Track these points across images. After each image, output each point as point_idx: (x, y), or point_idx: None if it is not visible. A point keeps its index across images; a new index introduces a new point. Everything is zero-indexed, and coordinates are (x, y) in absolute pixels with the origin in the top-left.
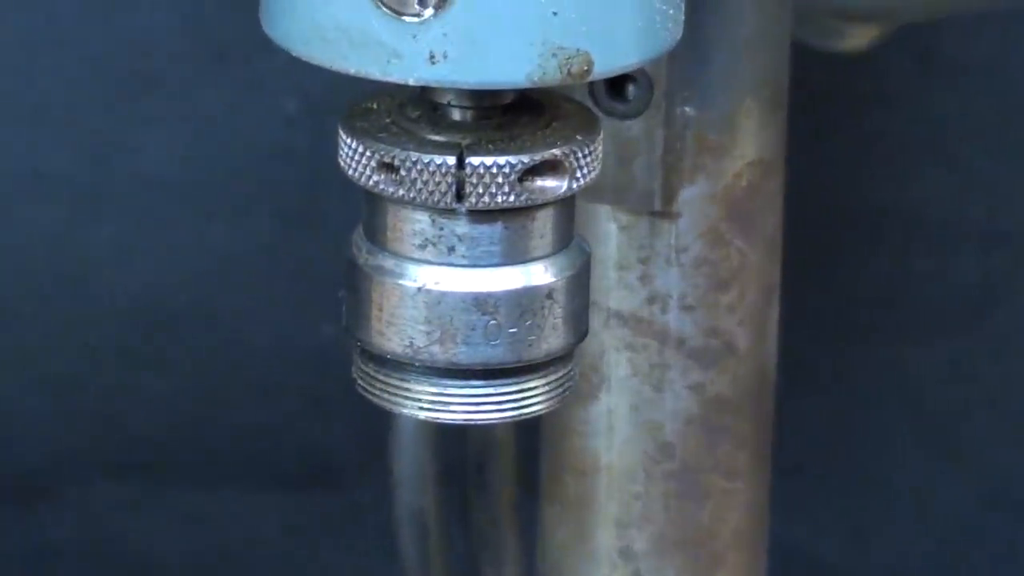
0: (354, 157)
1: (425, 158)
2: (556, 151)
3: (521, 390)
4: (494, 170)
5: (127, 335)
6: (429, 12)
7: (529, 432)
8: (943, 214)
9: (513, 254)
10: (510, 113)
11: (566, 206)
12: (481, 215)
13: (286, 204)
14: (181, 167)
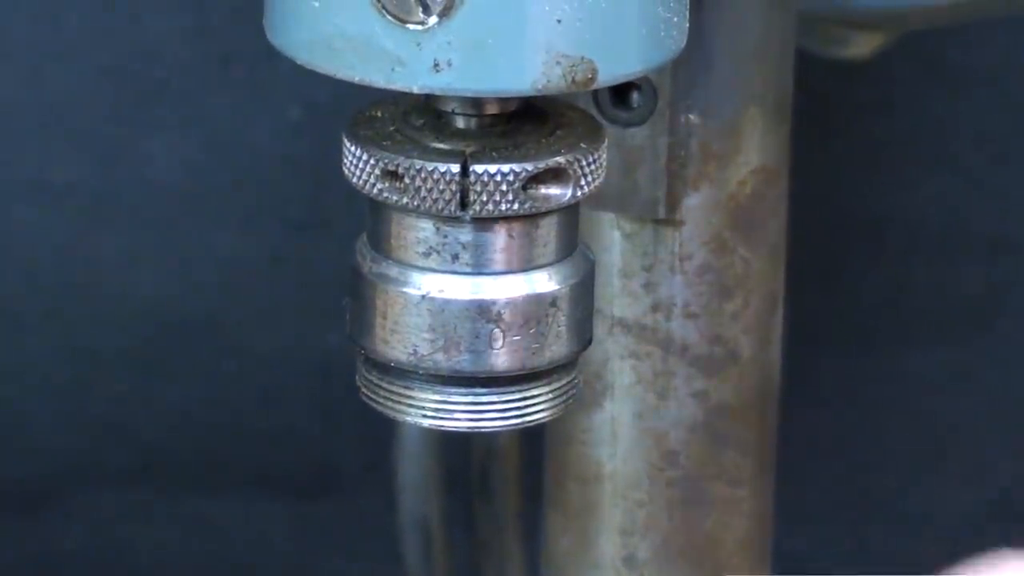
0: (358, 165)
1: (429, 166)
2: (560, 159)
3: (525, 398)
4: (498, 178)
5: (133, 342)
6: (433, 20)
7: (533, 440)
8: (947, 222)
9: (517, 262)
10: (514, 121)
11: (570, 214)
12: (485, 223)
13: (291, 212)
14: (187, 175)
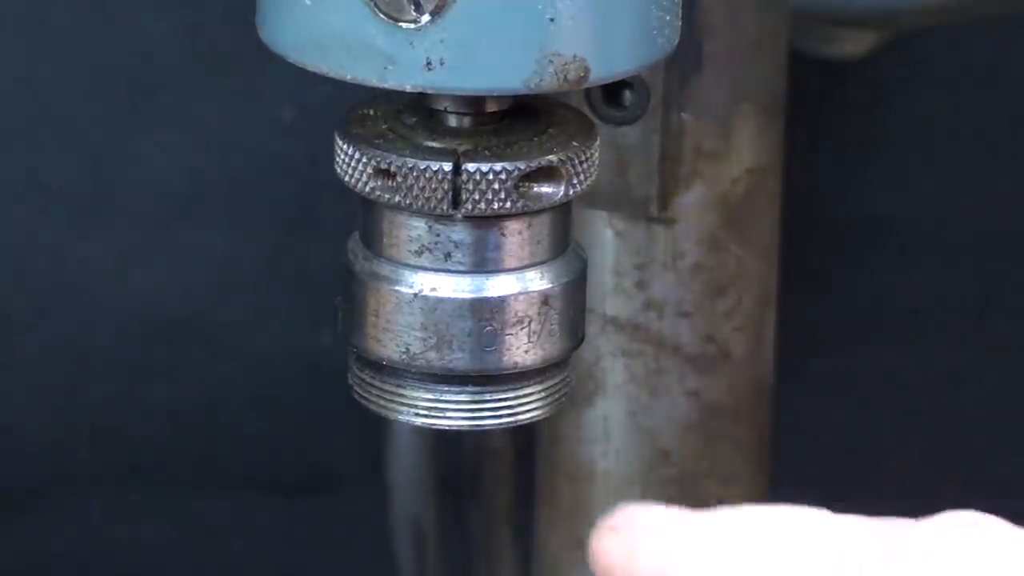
0: (351, 163)
1: (422, 164)
2: (552, 157)
3: (517, 396)
4: (490, 176)
5: (125, 342)
6: (426, 19)
7: (525, 438)
8: (940, 221)
9: (509, 260)
10: (507, 119)
11: (563, 212)
12: (477, 221)
13: (284, 211)
14: (179, 175)
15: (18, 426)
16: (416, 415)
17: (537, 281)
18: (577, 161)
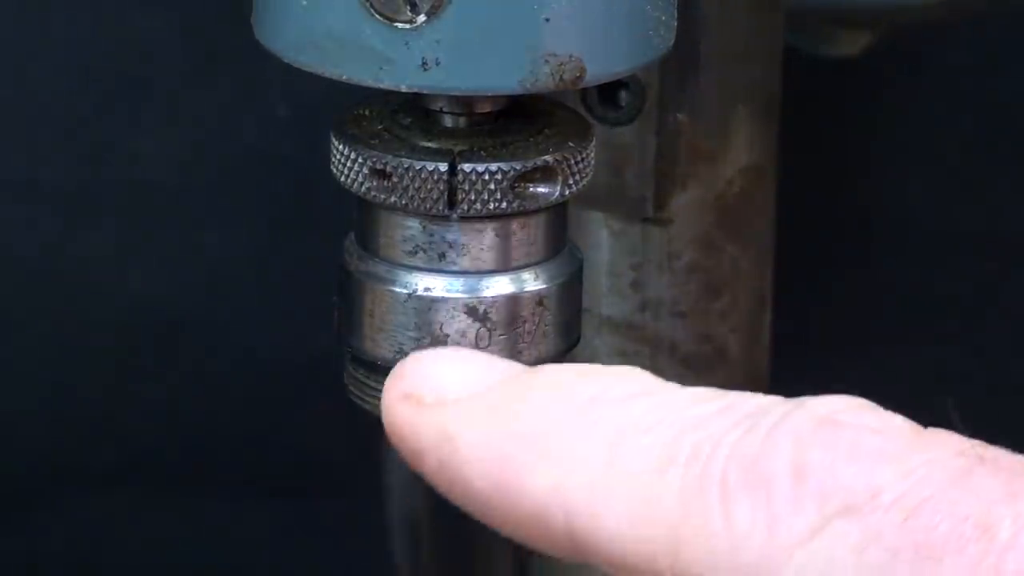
0: (346, 163)
1: (417, 164)
2: (548, 158)
3: None
4: (486, 177)
5: (119, 342)
6: (422, 19)
7: None
8: (935, 220)
9: (504, 260)
10: (502, 119)
11: (558, 213)
12: (473, 221)
13: (279, 210)
14: (174, 174)
15: (10, 424)
16: None
17: (532, 281)
18: (573, 161)
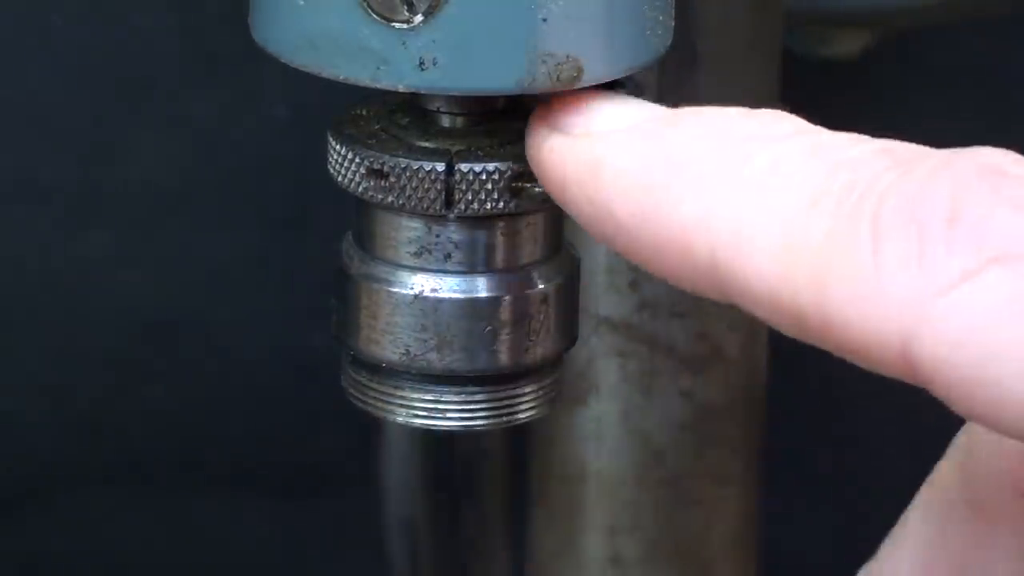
0: (343, 163)
1: (414, 164)
2: None
3: (514, 396)
4: (483, 177)
5: (117, 342)
6: (419, 19)
7: (518, 439)
8: None
9: (508, 260)
10: (500, 119)
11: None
12: (472, 221)
13: (277, 211)
14: (172, 175)
15: (9, 424)
16: (415, 416)
17: (535, 280)
18: None
